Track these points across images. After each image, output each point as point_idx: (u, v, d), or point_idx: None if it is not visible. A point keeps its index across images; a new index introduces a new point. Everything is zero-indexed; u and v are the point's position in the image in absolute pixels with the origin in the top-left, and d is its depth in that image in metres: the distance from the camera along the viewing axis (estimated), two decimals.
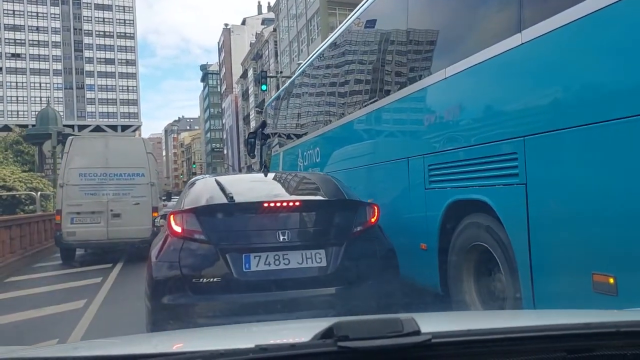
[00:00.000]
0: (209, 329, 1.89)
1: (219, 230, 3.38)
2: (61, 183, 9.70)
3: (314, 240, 3.46)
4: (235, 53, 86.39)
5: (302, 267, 3.31)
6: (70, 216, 9.58)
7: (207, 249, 3.30)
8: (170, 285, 3.26)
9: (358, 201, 3.86)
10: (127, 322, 4.78)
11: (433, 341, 0.93)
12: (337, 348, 0.90)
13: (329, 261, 3.36)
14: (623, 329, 1.04)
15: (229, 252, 3.26)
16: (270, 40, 56.35)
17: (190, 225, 3.35)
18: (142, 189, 9.93)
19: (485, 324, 1.41)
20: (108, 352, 1.21)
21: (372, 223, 3.66)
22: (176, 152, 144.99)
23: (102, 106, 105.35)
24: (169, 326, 3.11)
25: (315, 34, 40.52)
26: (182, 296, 3.20)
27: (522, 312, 2.38)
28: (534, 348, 1.03)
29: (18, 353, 1.23)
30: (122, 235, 9.71)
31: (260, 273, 3.25)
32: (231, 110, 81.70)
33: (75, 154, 9.78)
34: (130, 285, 7.44)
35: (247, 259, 3.26)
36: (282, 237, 3.32)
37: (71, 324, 5.00)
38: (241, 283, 3.22)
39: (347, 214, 3.63)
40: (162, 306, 3.19)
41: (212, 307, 3.24)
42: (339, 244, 3.43)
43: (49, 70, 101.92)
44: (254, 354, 0.91)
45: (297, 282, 3.28)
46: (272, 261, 3.28)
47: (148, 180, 9.99)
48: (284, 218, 3.47)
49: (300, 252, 3.33)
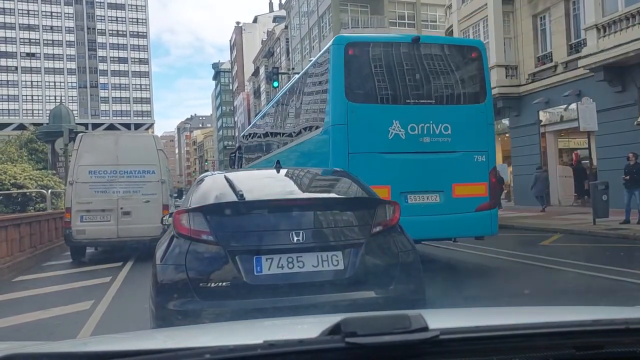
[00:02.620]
0: (217, 325, 1.84)
1: (228, 230, 3.14)
2: (71, 180, 9.55)
3: (331, 242, 3.19)
4: (247, 51, 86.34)
5: (318, 270, 3.05)
6: (79, 214, 9.43)
7: (216, 251, 3.05)
8: (176, 289, 3.01)
9: (377, 199, 3.64)
10: (134, 325, 4.56)
11: (441, 337, 0.93)
12: (345, 344, 0.90)
13: (347, 264, 3.09)
14: (633, 326, 1.04)
15: (239, 254, 3.01)
16: (281, 37, 56.11)
17: (197, 225, 3.09)
18: (152, 186, 9.75)
19: (494, 320, 1.39)
20: (117, 347, 1.19)
21: (393, 223, 3.39)
22: (189, 149, 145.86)
23: (115, 105, 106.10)
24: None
25: (326, 31, 40.17)
26: (189, 302, 2.95)
27: (530, 308, 2.40)
28: (542, 345, 1.02)
29: (29, 349, 1.21)
30: (133, 234, 9.54)
31: (273, 277, 3.00)
32: (243, 107, 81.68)
33: (85, 151, 9.63)
34: (139, 285, 7.23)
35: (258, 261, 3.01)
36: (296, 238, 3.05)
37: (77, 327, 4.80)
38: (252, 288, 2.97)
39: (365, 212, 3.35)
40: (168, 312, 2.95)
41: (221, 314, 2.95)
42: (357, 245, 3.16)
43: (63, 69, 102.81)
44: (262, 349, 0.91)
45: (313, 287, 3.02)
46: (286, 264, 3.02)
47: (159, 178, 9.80)
48: (298, 217, 3.23)
49: (315, 254, 3.07)
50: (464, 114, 7.19)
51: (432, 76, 7.37)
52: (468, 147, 7.03)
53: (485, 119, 7.29)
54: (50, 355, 1.08)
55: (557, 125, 17.98)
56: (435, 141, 6.91)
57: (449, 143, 6.94)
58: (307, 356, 0.93)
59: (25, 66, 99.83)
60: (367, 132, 6.76)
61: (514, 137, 19.63)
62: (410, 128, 6.86)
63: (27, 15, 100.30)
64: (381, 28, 37.14)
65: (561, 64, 17.00)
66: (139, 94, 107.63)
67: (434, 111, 7.07)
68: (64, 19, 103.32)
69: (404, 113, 6.92)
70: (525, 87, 18.63)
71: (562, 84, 16.84)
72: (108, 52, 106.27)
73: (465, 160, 6.98)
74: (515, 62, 19.09)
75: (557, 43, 17.30)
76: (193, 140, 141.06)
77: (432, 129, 6.93)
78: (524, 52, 18.82)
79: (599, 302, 5.15)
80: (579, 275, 6.68)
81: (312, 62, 8.74)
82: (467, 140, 7.04)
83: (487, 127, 7.35)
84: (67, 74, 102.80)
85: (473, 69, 7.53)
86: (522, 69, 18.89)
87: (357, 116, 6.76)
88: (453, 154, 6.93)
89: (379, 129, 6.80)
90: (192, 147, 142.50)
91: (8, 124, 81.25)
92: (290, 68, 36.67)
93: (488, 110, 7.37)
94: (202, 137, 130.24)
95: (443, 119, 6.98)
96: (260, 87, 70.40)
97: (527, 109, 18.67)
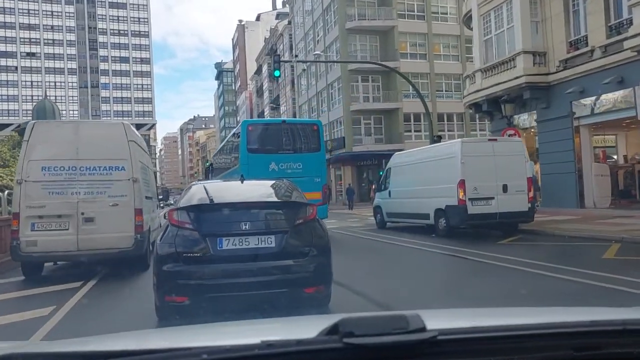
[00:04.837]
0: (215, 325, 1.78)
1: (202, 221, 4.70)
2: (19, 179, 7.68)
3: (267, 229, 4.77)
4: (250, 50, 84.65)
5: (258, 247, 4.64)
6: (30, 221, 7.57)
7: (194, 234, 4.64)
8: (169, 258, 4.61)
9: (301, 202, 5.12)
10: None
11: (439, 338, 0.93)
12: (342, 344, 0.90)
13: (277, 243, 4.69)
14: (630, 327, 1.05)
15: (208, 236, 4.61)
16: (285, 33, 54.29)
17: (182, 218, 4.73)
18: (121, 186, 7.88)
19: (492, 321, 1.38)
20: (114, 347, 1.17)
21: (311, 218, 4.97)
22: (192, 150, 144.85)
23: (116, 105, 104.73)
24: (168, 283, 4.53)
25: (332, 24, 38.25)
26: (176, 265, 4.56)
27: (528, 309, 2.23)
28: (540, 345, 1.02)
29: (25, 348, 1.24)
30: (96, 245, 7.67)
31: (229, 250, 4.61)
32: (246, 107, 79.95)
33: (37, 143, 7.77)
34: (92, 319, 5.36)
35: (220, 241, 4.61)
36: (244, 227, 4.67)
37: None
38: (215, 257, 4.57)
39: (292, 211, 4.96)
40: (163, 272, 4.57)
41: (197, 273, 4.53)
42: (284, 232, 4.77)
43: (63, 69, 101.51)
44: (259, 349, 0.92)
45: (254, 257, 4.61)
46: (237, 243, 4.64)
47: (129, 175, 7.93)
48: (247, 213, 4.82)
49: (257, 236, 4.67)
50: (308, 157, 13.26)
51: (292, 138, 13.68)
52: (311, 174, 12.77)
53: (320, 159, 13.62)
54: (47, 355, 1.12)
55: (595, 117, 15.99)
56: (293, 171, 12.47)
57: (301, 172, 12.63)
58: (305, 356, 0.93)
59: (26, 66, 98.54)
60: (258, 167, 12.14)
61: (542, 132, 17.66)
62: (280, 165, 12.78)
63: (27, 15, 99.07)
64: (389, 20, 35.21)
65: (599, 48, 15.02)
66: (140, 94, 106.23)
67: (293, 156, 13.16)
68: (64, 18, 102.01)
69: (277, 158, 12.91)
70: (556, 75, 16.66)
71: (600, 71, 14.87)
72: (109, 51, 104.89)
73: (310, 181, 12.33)
74: (543, 48, 17.11)
75: (594, 25, 15.32)
76: (196, 141, 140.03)
77: (292, 165, 12.87)
78: (553, 37, 16.84)
79: None
80: None
81: (232, 133, 17.59)
82: (310, 170, 12.89)
83: (322, 164, 13.80)
84: (67, 74, 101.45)
85: (314, 135, 13.72)
86: (551, 56, 16.92)
87: (253, 160, 12.69)
88: (303, 177, 11.85)
89: (264, 165, 12.42)
90: (194, 148, 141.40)
91: (8, 124, 79.63)
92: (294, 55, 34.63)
93: (322, 155, 13.82)
94: (204, 137, 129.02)
95: (298, 160, 13.08)
96: (263, 86, 68.60)
97: (558, 100, 16.70)
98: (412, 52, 35.44)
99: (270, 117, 61.26)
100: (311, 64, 39.73)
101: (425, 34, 36.01)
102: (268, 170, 12.26)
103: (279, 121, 17.89)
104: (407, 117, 35.39)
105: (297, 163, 12.98)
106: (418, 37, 36.11)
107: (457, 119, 36.83)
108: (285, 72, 54.01)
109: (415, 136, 34.87)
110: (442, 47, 36.67)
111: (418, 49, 36.08)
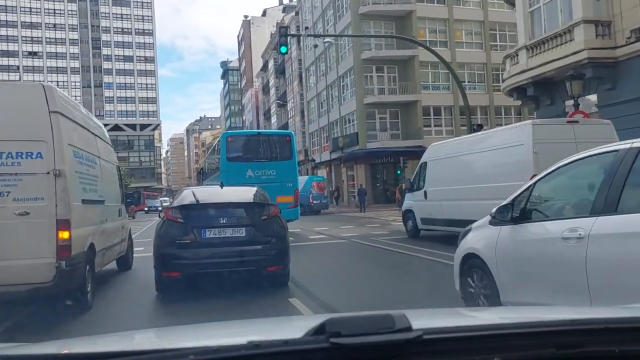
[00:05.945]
0: (202, 326, 1.78)
1: (191, 217, 6.56)
2: None
3: (239, 223, 6.63)
4: (256, 46, 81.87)
5: (232, 236, 6.51)
6: None
7: (185, 227, 6.47)
8: (165, 244, 6.46)
9: (266, 203, 7.11)
10: None
11: (424, 337, 0.94)
12: (329, 344, 0.90)
13: (246, 234, 6.55)
14: (611, 326, 1.07)
15: (195, 228, 6.44)
16: (291, 25, 51.38)
17: (175, 214, 6.59)
18: (35, 183, 4.96)
19: (476, 320, 1.43)
20: (102, 348, 1.18)
21: (273, 214, 6.87)
22: (198, 151, 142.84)
23: (120, 104, 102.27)
24: (165, 262, 6.41)
25: (344, 9, 35.25)
26: (171, 249, 6.39)
27: (512, 308, 2.34)
28: (524, 344, 1.03)
29: (15, 350, 1.24)
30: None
31: (210, 238, 6.45)
32: (251, 104, 77.22)
33: None
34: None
35: (204, 231, 6.46)
36: (222, 221, 6.55)
37: None
38: (201, 243, 6.40)
39: (259, 209, 6.88)
40: (161, 254, 6.44)
41: (186, 254, 6.35)
42: (252, 225, 6.63)
43: (66, 68, 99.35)
44: (246, 350, 0.92)
45: (229, 243, 6.46)
46: (217, 233, 6.49)
47: (50, 167, 4.99)
48: (225, 211, 6.70)
49: (232, 228, 6.54)
50: (282, 165, 15.33)
51: (267, 148, 15.71)
52: (284, 179, 14.90)
53: (292, 166, 15.74)
54: (37, 357, 1.12)
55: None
56: (268, 177, 14.56)
57: (275, 177, 14.70)
58: (292, 356, 0.94)
59: (28, 65, 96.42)
60: (236, 173, 14.13)
61: (606, 119, 14.56)
62: (256, 172, 14.79)
63: (29, 13, 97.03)
64: (407, 4, 32.14)
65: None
66: (144, 93, 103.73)
67: (268, 164, 15.20)
68: (67, 16, 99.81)
69: (253, 165, 15.01)
70: (625, 48, 13.57)
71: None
72: (113, 50, 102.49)
73: (283, 186, 14.56)
74: (608, 17, 14.03)
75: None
76: (202, 141, 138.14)
77: (267, 172, 14.85)
78: (621, 2, 13.76)
79: None
80: None
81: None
82: (283, 176, 14.94)
83: (294, 170, 15.86)
84: (70, 73, 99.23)
85: (287, 145, 15.81)
86: (618, 25, 13.83)
87: (232, 167, 14.90)
88: (276, 182, 14.21)
89: (242, 172, 14.45)
90: (200, 149, 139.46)
91: None
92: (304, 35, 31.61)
93: (294, 163, 15.96)
94: (210, 138, 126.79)
95: (272, 167, 15.11)
96: (269, 82, 65.78)
97: (628, 79, 13.61)
98: (432, 39, 32.24)
99: (277, 115, 58.94)
100: (321, 53, 36.72)
101: (445, 20, 32.90)
102: (245, 177, 14.15)
103: (255, 133, 21.09)
104: (426, 110, 32.32)
105: (271, 170, 14.87)
106: (438, 23, 32.99)
107: (480, 112, 33.64)
108: (292, 67, 51.12)
109: (436, 131, 31.77)
110: (465, 34, 33.53)
111: (438, 36, 32.95)
